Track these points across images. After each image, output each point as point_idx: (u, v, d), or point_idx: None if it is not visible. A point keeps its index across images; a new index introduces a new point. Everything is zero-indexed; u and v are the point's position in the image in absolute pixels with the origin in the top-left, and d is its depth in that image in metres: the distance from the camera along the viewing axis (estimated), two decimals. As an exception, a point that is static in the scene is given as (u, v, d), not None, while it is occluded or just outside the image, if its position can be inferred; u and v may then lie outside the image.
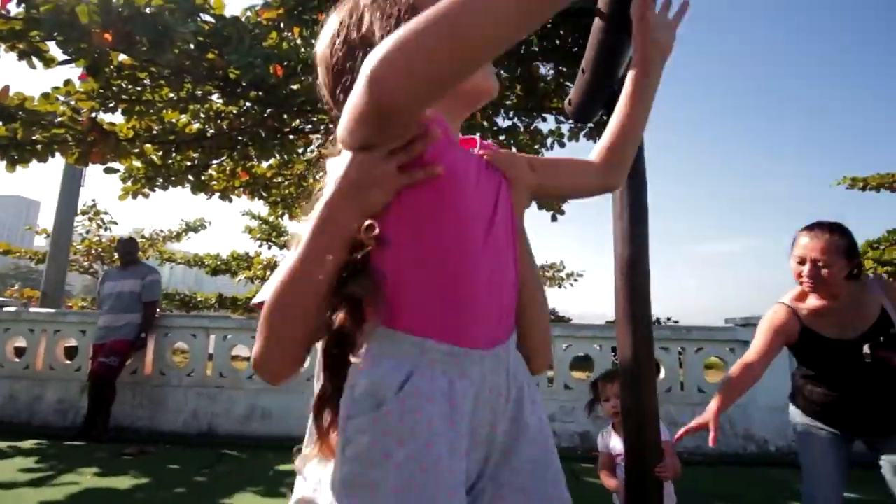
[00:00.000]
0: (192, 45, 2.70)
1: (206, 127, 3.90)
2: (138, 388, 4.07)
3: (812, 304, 1.60)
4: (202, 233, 9.52)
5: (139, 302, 3.90)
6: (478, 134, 2.44)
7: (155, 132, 3.80)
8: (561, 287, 11.15)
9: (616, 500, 1.93)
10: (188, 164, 4.19)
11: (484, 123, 3.63)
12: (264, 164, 4.78)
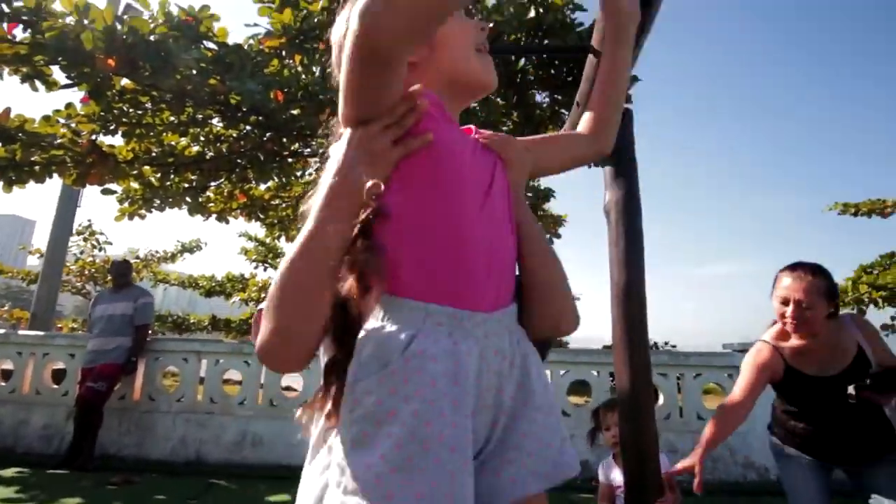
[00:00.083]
0: (195, 71, 2.75)
1: (206, 150, 3.94)
2: (126, 413, 3.97)
3: (794, 343, 1.65)
4: (197, 253, 9.50)
5: (131, 325, 3.85)
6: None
7: (154, 154, 3.83)
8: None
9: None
10: (186, 185, 4.21)
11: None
12: (262, 187, 4.81)
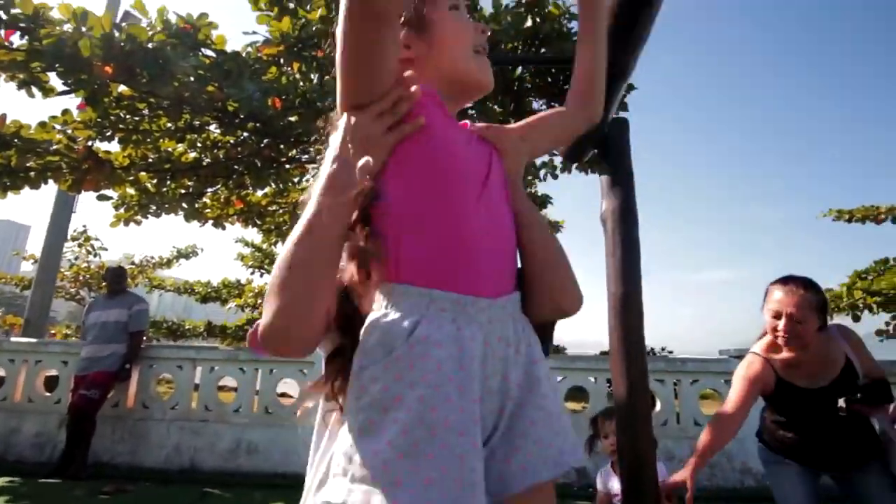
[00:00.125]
0: (193, 78, 2.76)
1: (203, 156, 3.93)
2: (119, 421, 3.93)
3: (785, 356, 1.67)
4: (193, 259, 9.44)
5: (125, 332, 3.81)
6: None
7: (151, 160, 3.82)
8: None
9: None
10: (182, 191, 4.20)
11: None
12: (259, 193, 4.80)
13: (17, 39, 2.66)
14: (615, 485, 1.85)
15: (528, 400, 0.67)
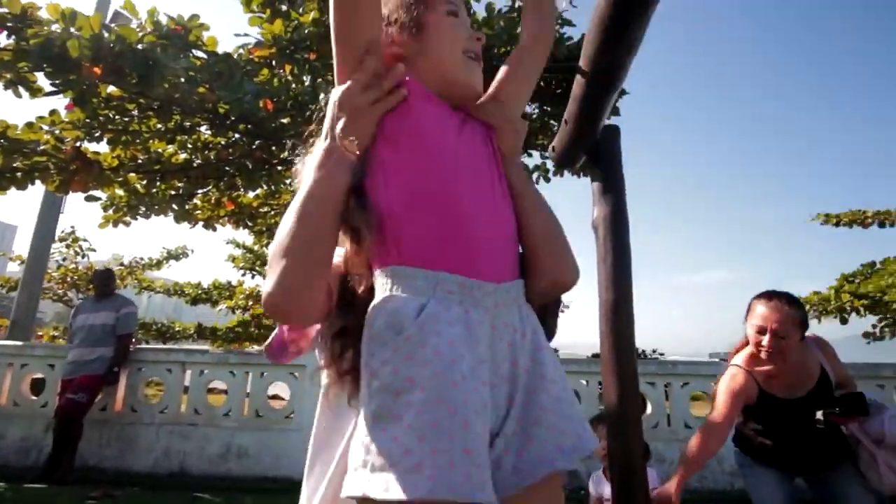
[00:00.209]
0: (183, 79, 2.73)
1: (193, 157, 3.90)
2: (107, 425, 3.87)
3: (766, 368, 1.72)
4: (183, 261, 9.34)
5: (112, 335, 3.75)
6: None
7: (140, 161, 3.78)
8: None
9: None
10: (172, 193, 4.16)
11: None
12: (251, 195, 4.77)
13: (3, 39, 2.62)
14: (607, 490, 1.86)
15: (537, 386, 0.66)
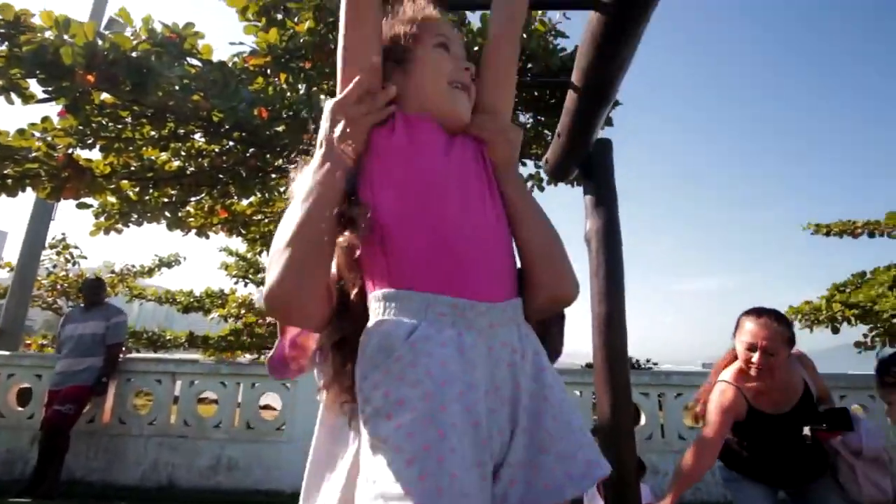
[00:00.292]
0: (178, 87, 2.72)
1: (187, 165, 3.88)
2: (95, 437, 3.80)
3: (754, 384, 1.73)
4: (176, 268, 9.26)
5: (102, 345, 3.69)
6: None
7: (133, 168, 3.75)
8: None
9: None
10: (165, 200, 4.13)
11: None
12: (244, 202, 4.74)
13: (-4, 45, 2.61)
14: (601, 504, 1.84)
15: (542, 410, 0.64)
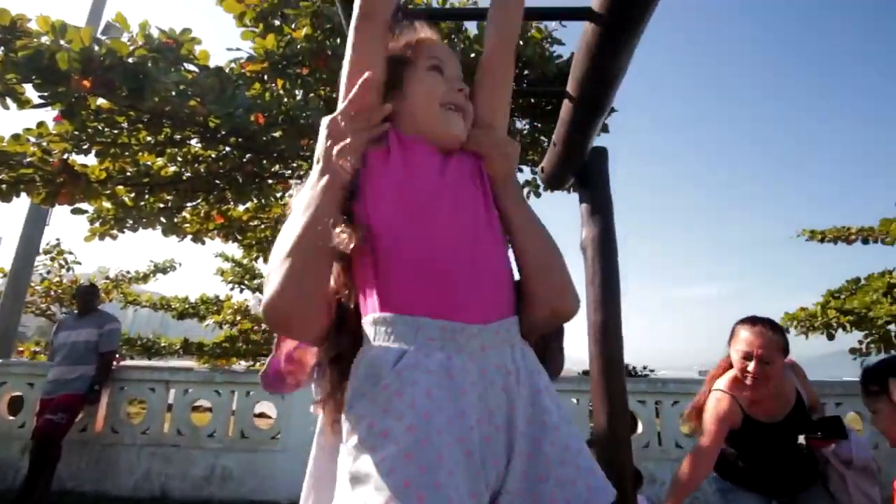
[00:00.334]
0: (174, 93, 2.72)
1: (183, 170, 3.87)
2: (87, 446, 3.74)
3: (749, 393, 1.72)
4: (171, 274, 9.21)
5: (95, 352, 3.63)
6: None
7: (129, 174, 3.74)
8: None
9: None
10: (161, 206, 4.11)
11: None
12: (241, 208, 4.73)
13: (-9, 50, 2.60)
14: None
15: (540, 435, 0.62)
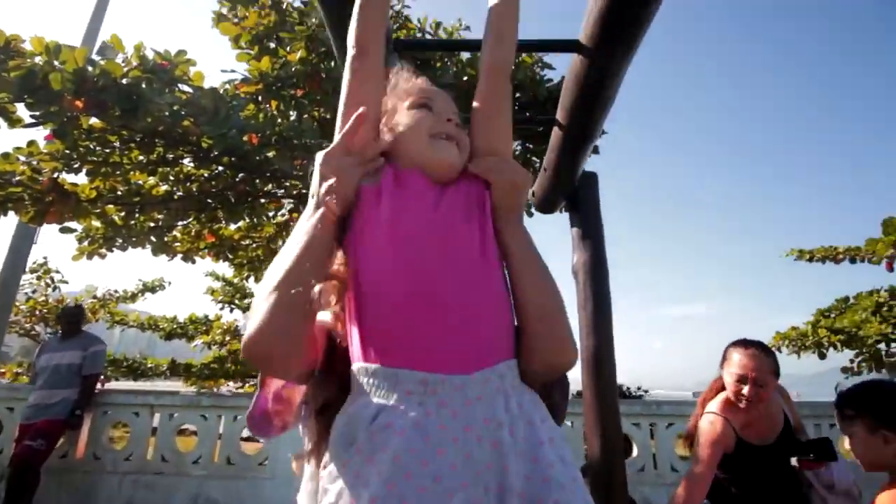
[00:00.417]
0: (167, 113, 2.73)
1: (175, 189, 3.85)
2: (67, 474, 3.60)
3: (741, 415, 1.73)
4: (160, 293, 9.06)
5: (78, 375, 3.52)
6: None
7: (119, 193, 3.71)
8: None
9: None
10: (151, 225, 4.07)
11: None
12: (232, 227, 4.70)
13: (-17, 70, 2.59)
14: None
15: (542, 495, 0.56)
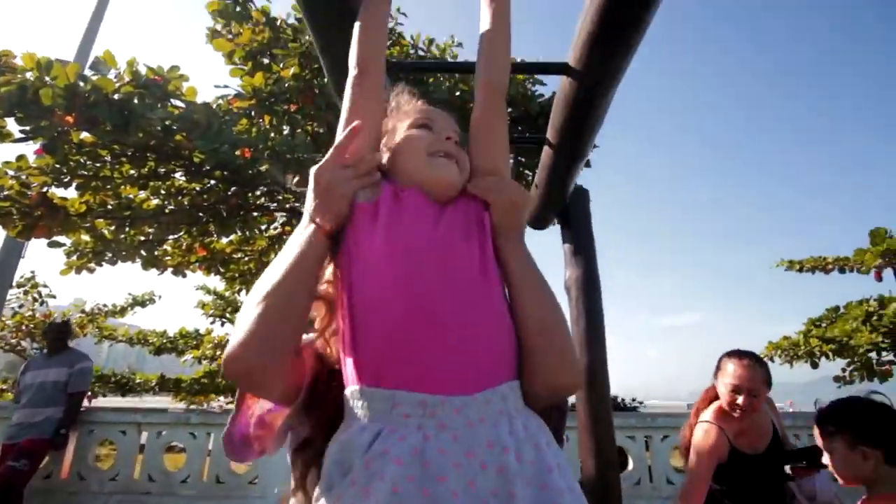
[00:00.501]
0: (159, 128, 2.72)
1: (166, 203, 3.82)
2: (50, 495, 3.50)
3: (734, 424, 1.74)
4: (150, 307, 8.94)
5: (64, 393, 3.43)
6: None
7: (110, 207, 3.68)
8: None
9: None
10: (142, 238, 4.03)
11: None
12: (224, 240, 4.67)
13: (-27, 85, 2.58)
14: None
15: None
